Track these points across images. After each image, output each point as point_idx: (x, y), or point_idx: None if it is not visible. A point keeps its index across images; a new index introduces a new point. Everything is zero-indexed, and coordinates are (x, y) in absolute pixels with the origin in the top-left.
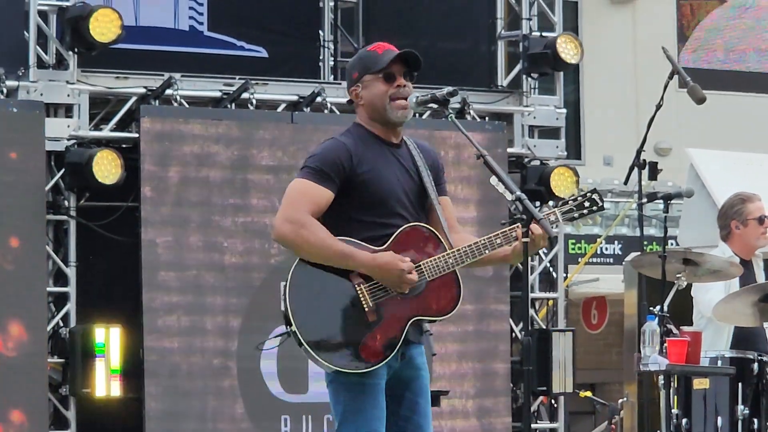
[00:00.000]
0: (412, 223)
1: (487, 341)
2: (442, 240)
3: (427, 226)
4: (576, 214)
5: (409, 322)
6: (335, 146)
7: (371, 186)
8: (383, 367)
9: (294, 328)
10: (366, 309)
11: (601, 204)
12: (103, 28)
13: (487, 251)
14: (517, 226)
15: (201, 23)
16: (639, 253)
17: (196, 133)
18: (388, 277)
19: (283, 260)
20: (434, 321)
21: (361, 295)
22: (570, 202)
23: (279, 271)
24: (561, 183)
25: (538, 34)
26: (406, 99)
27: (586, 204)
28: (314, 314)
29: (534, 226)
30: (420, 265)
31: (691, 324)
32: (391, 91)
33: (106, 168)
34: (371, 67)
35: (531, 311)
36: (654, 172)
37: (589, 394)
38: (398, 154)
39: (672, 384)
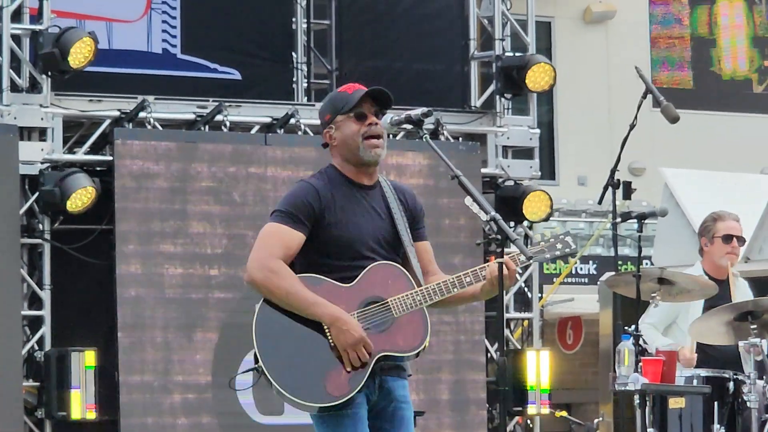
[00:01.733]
0: (382, 261)
1: (463, 361)
2: (411, 278)
3: (397, 264)
4: (548, 255)
5: (376, 358)
6: (304, 189)
7: (337, 230)
8: (361, 396)
9: (262, 366)
10: (332, 344)
11: (573, 247)
12: (78, 54)
13: (455, 289)
14: (487, 265)
15: (174, 46)
16: (614, 273)
17: (170, 155)
18: (344, 336)
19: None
20: (403, 358)
21: (327, 331)
22: (542, 243)
23: (250, 295)
24: (534, 206)
25: (511, 54)
26: (379, 138)
27: (558, 246)
28: (281, 350)
29: (508, 262)
30: (387, 302)
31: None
32: (362, 130)
33: (78, 198)
34: (342, 107)
35: (506, 331)
36: (628, 191)
37: (564, 414)
38: (370, 196)
39: (648, 403)
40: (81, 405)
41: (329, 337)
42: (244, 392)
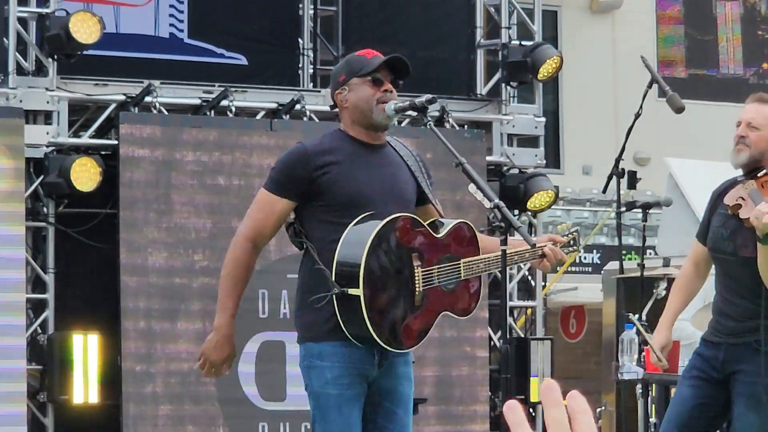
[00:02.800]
0: (465, 222)
1: (466, 349)
2: (479, 242)
3: (474, 229)
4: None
5: (440, 314)
6: (294, 152)
7: (341, 188)
8: (354, 376)
9: (358, 292)
10: (416, 293)
11: (576, 247)
12: (84, 31)
13: (514, 263)
14: (545, 245)
15: (181, 30)
16: (618, 262)
17: (176, 140)
18: (211, 350)
19: (260, 268)
20: (458, 318)
21: (417, 278)
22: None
23: (254, 279)
24: (538, 198)
25: (517, 42)
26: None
27: (572, 243)
28: (380, 281)
29: (550, 255)
30: (460, 263)
31: None
32: (378, 95)
33: (85, 175)
34: (359, 70)
35: (509, 320)
36: (633, 181)
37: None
38: (378, 153)
39: (650, 392)
40: (84, 389)
41: (416, 285)
42: (247, 377)
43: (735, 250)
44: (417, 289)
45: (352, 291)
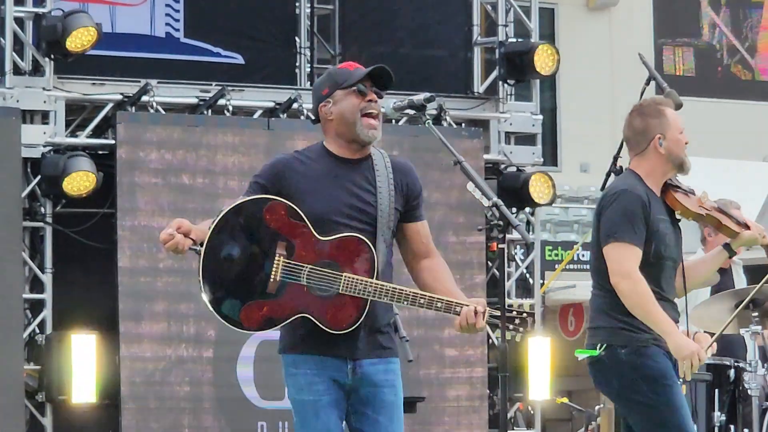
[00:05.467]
0: (361, 237)
1: (464, 347)
2: (375, 265)
3: (372, 249)
4: (498, 322)
5: (297, 315)
6: (275, 160)
7: (303, 202)
8: (327, 383)
9: (200, 249)
10: (271, 279)
11: (523, 330)
12: (77, 40)
13: (407, 303)
14: (465, 305)
15: (177, 30)
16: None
17: (173, 139)
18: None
19: None
20: (323, 327)
21: (275, 265)
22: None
23: None
24: (538, 189)
25: (514, 40)
26: (376, 117)
27: (516, 321)
28: (226, 252)
29: (462, 317)
30: (342, 275)
31: None
32: (362, 105)
33: (80, 182)
34: (343, 82)
35: None
36: None
37: (565, 400)
38: (353, 170)
39: None
40: (82, 389)
41: (273, 271)
42: (246, 378)
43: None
44: (273, 276)
45: (198, 248)
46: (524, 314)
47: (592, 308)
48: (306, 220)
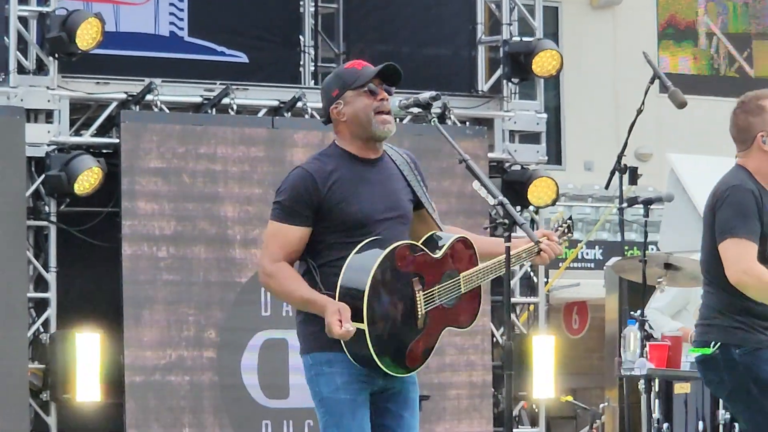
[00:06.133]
0: (461, 236)
1: (468, 346)
2: (476, 253)
3: (469, 241)
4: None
5: (443, 331)
6: (300, 177)
7: (346, 208)
8: (363, 382)
9: (364, 326)
10: (419, 316)
11: (570, 234)
12: (85, 35)
13: (501, 270)
14: (539, 242)
15: (181, 29)
16: (620, 257)
17: (178, 138)
18: (333, 330)
19: None
20: (460, 330)
21: (418, 302)
22: (558, 228)
23: (257, 278)
24: (540, 192)
25: (518, 39)
26: (389, 113)
27: (566, 231)
28: (381, 316)
29: (548, 251)
30: (460, 278)
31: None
32: (374, 105)
33: (85, 180)
34: (352, 82)
35: (512, 316)
36: (634, 176)
37: (570, 398)
38: (377, 168)
39: (653, 388)
40: (86, 387)
41: (418, 308)
42: (250, 375)
43: None
44: (419, 312)
45: (357, 325)
46: (565, 223)
47: (705, 306)
48: (422, 248)
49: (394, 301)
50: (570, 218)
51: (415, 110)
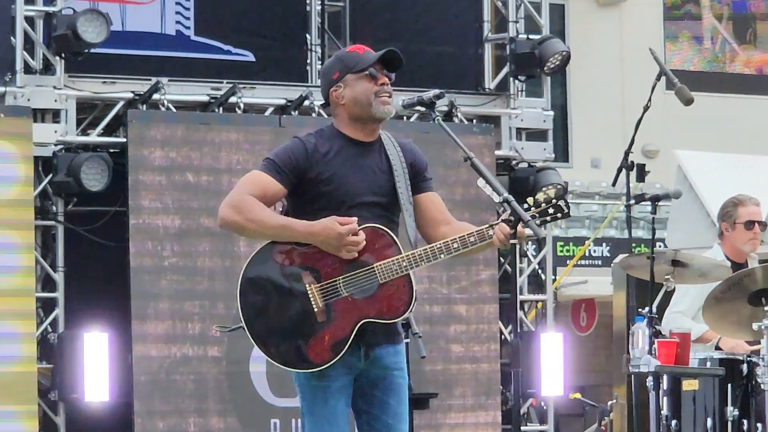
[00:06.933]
0: (369, 224)
1: (477, 343)
2: (398, 243)
3: (385, 229)
4: (538, 221)
5: (359, 324)
6: (295, 144)
7: (330, 186)
8: (339, 368)
9: (243, 324)
10: (315, 309)
11: (566, 211)
12: (92, 30)
13: (442, 255)
14: (490, 227)
15: (188, 28)
16: (627, 254)
17: (184, 137)
18: (327, 241)
19: None
20: (385, 323)
21: (311, 295)
22: (533, 208)
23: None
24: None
25: (525, 36)
26: (390, 96)
27: (550, 211)
28: (264, 311)
29: (503, 227)
30: (373, 267)
31: None
32: (375, 89)
33: (93, 175)
34: (353, 66)
35: (520, 313)
36: (642, 173)
37: (578, 396)
38: (368, 153)
39: (661, 385)
40: (94, 387)
41: (312, 302)
42: (259, 375)
43: None
44: (315, 306)
45: (241, 325)
46: (550, 203)
47: None
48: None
49: (274, 298)
50: (558, 194)
51: (420, 109)
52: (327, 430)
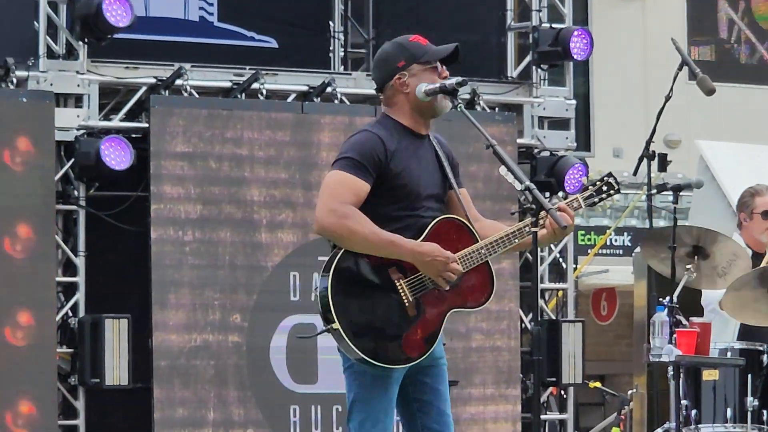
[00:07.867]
0: (444, 215)
1: (497, 332)
2: (474, 231)
3: (459, 217)
4: (596, 199)
5: (447, 315)
6: (371, 139)
7: (402, 180)
8: None
9: (337, 325)
10: (406, 304)
11: (617, 187)
12: (116, 14)
13: (516, 240)
14: (546, 216)
15: (211, 14)
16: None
17: (206, 123)
18: (431, 265)
19: (292, 250)
20: (470, 312)
21: (401, 290)
22: (590, 187)
23: (286, 262)
24: (573, 177)
25: (548, 25)
26: None
27: (604, 188)
28: (356, 310)
29: (566, 209)
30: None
31: (700, 315)
32: (440, 83)
33: (116, 154)
34: (421, 56)
35: (541, 302)
36: (663, 163)
37: (598, 385)
38: (424, 146)
39: (681, 375)
40: (114, 372)
41: (403, 297)
42: (279, 362)
43: None
44: (405, 300)
45: (334, 326)
46: (603, 180)
47: None
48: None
49: (368, 295)
50: (609, 174)
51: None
52: (382, 419)
